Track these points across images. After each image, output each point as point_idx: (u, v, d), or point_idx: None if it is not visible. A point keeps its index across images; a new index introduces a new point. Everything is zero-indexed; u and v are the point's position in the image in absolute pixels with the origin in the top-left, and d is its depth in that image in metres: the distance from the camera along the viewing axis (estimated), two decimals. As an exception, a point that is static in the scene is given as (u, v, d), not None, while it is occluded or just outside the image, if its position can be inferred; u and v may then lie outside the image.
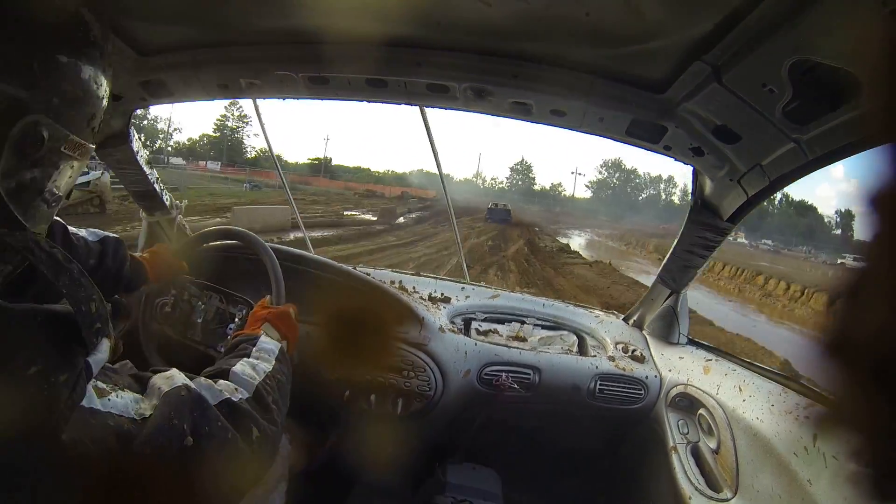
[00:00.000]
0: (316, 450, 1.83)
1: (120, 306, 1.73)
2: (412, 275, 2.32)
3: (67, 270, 0.60)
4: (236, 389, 0.81)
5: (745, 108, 1.01)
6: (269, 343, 1.08)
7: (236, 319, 1.53)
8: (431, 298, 2.06)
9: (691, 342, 1.92)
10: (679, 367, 1.81)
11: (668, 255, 1.72)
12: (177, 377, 0.73)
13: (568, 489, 2.19)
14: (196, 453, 0.66)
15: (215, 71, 1.41)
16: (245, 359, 0.95)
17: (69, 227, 1.11)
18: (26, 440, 0.51)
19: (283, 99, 1.51)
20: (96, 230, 1.28)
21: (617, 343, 1.97)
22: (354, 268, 2.00)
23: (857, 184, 0.34)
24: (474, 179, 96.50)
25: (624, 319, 2.13)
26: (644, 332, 2.04)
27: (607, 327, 2.05)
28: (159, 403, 0.65)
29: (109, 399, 0.60)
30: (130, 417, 0.61)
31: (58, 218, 1.01)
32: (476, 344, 1.84)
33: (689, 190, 1.47)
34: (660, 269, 1.82)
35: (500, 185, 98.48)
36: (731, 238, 1.56)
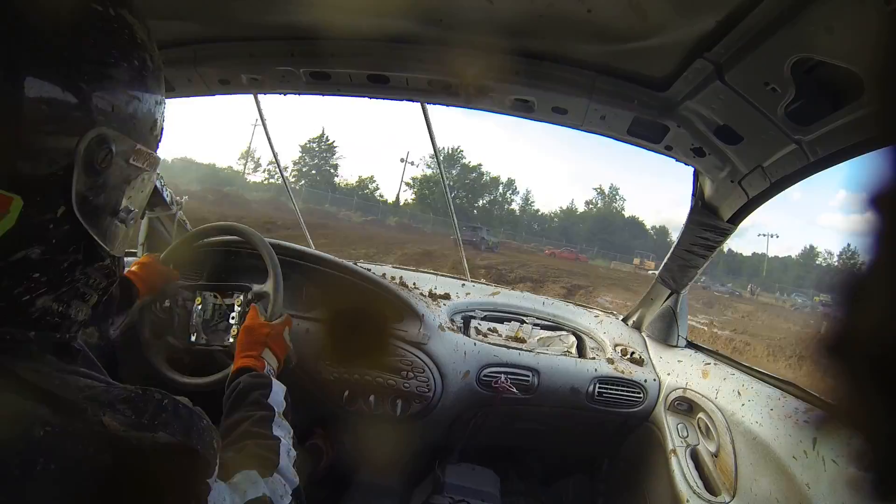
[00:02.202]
0: (316, 464, 1.84)
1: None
2: (412, 270, 2.32)
3: (195, 426, 0.62)
4: (285, 486, 0.85)
5: (747, 107, 1.01)
6: (278, 391, 1.09)
7: (236, 308, 1.53)
8: (431, 295, 2.06)
9: (690, 345, 1.92)
10: (678, 370, 1.81)
11: (667, 255, 1.72)
12: (259, 484, 0.78)
13: (566, 491, 2.18)
14: None
15: (216, 66, 1.41)
16: (282, 443, 0.94)
17: None
18: None
19: (284, 94, 1.50)
20: None
21: (616, 345, 1.96)
22: (355, 263, 2.00)
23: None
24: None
25: (623, 320, 2.12)
26: (643, 333, 2.04)
27: (606, 328, 2.05)
28: None
29: (210, 495, 0.63)
30: None
31: None
32: (475, 344, 1.84)
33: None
34: (659, 268, 1.81)
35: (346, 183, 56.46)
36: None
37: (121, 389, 0.60)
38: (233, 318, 1.53)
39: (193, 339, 1.52)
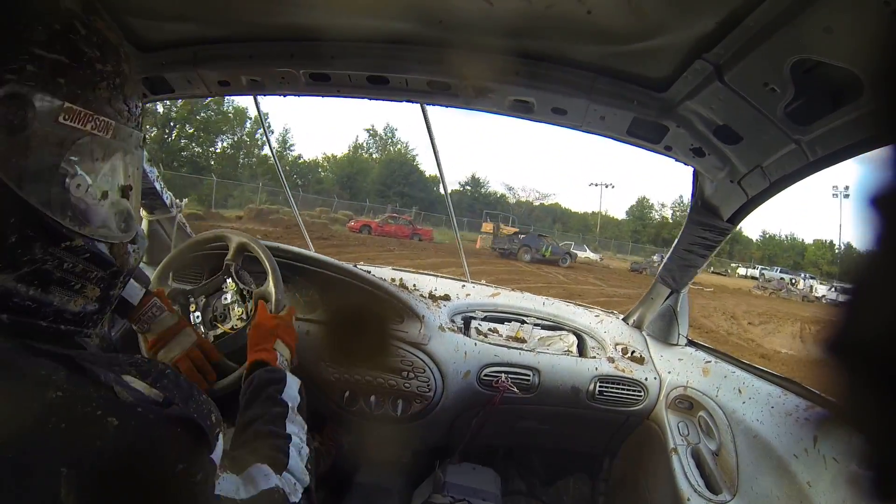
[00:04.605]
0: (315, 467, 1.84)
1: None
2: (413, 272, 2.32)
3: (193, 397, 0.66)
4: (295, 486, 0.87)
5: (747, 107, 1.01)
6: (293, 385, 1.10)
7: (228, 293, 1.53)
8: (432, 296, 2.06)
9: (690, 343, 1.92)
10: (678, 368, 1.81)
11: (668, 255, 1.72)
12: (272, 477, 0.81)
13: (567, 490, 2.19)
14: None
15: (216, 68, 1.41)
16: (292, 441, 0.95)
17: None
18: None
19: (284, 96, 1.50)
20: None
21: (616, 344, 1.96)
22: (355, 265, 2.00)
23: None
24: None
25: (623, 319, 2.13)
26: (643, 332, 2.04)
27: (607, 327, 2.05)
28: (257, 497, 0.75)
29: (219, 483, 0.67)
30: (232, 498, 0.70)
31: None
32: (476, 344, 1.84)
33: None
34: (660, 268, 1.82)
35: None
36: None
37: (128, 356, 0.66)
38: (226, 297, 1.53)
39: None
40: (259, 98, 1.85)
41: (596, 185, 54.61)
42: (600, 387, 1.82)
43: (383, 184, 45.32)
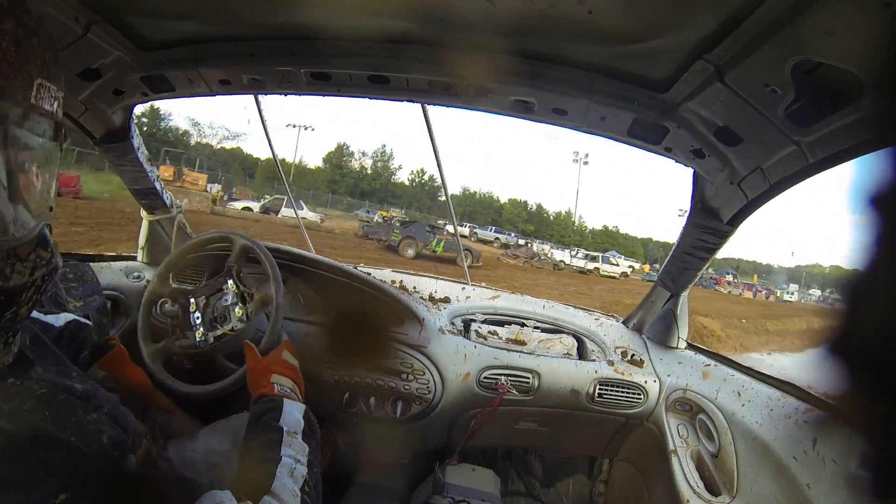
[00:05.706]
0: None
1: (120, 303, 1.71)
2: (413, 274, 2.32)
3: (73, 416, 0.60)
4: None
5: (747, 108, 1.01)
6: (293, 410, 1.08)
7: (229, 294, 1.53)
8: (432, 298, 2.06)
9: (690, 346, 1.92)
10: (678, 371, 1.81)
11: (667, 258, 1.72)
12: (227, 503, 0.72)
13: (566, 492, 2.18)
14: None
15: (217, 67, 1.41)
16: (282, 462, 0.91)
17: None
18: None
19: (285, 95, 1.50)
20: (68, 314, 1.12)
21: (616, 347, 1.96)
22: (355, 267, 2.00)
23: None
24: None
25: (623, 322, 2.12)
26: (643, 335, 2.04)
27: (606, 330, 2.05)
28: None
29: None
30: None
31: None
32: (475, 346, 1.84)
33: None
34: (659, 271, 1.82)
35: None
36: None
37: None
38: (226, 300, 1.52)
39: (199, 339, 1.51)
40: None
41: (294, 126, 46.30)
42: (600, 389, 1.82)
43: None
